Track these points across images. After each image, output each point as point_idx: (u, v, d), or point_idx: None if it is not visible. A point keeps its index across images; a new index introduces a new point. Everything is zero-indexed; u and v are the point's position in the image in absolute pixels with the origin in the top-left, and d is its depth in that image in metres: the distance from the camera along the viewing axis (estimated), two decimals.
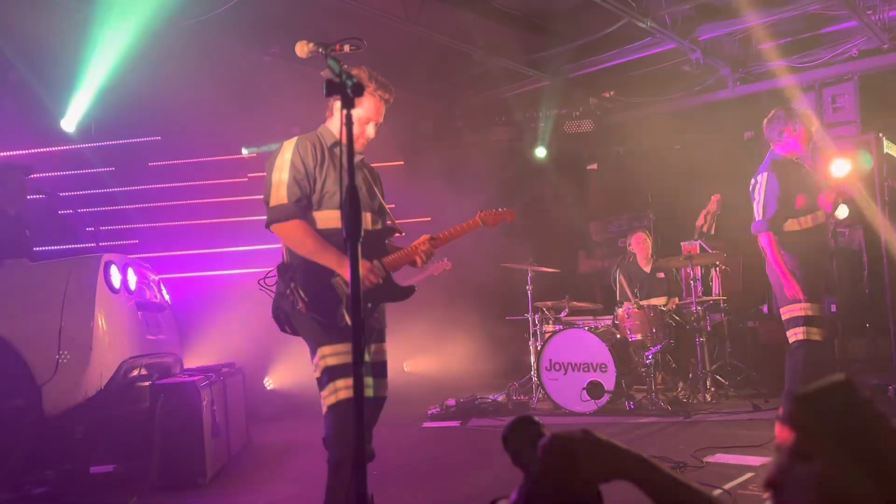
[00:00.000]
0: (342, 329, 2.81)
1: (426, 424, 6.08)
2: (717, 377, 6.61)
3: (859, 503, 0.84)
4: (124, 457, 4.65)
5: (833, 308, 7.20)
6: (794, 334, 4.38)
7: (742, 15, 6.67)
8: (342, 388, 2.77)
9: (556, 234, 8.66)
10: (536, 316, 6.84)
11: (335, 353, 2.81)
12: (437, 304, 7.89)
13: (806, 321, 4.35)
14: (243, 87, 6.95)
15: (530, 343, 6.81)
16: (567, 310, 6.87)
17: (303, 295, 2.84)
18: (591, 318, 6.93)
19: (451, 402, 6.39)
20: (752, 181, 4.59)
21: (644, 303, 6.51)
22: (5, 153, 6.10)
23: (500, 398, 6.60)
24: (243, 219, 7.32)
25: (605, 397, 5.99)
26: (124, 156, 7.04)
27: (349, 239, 2.14)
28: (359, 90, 2.17)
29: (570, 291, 7.03)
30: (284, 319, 2.99)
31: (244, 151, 8.03)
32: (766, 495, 0.92)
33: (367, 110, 3.06)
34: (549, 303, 6.92)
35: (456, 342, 8.25)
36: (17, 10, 5.52)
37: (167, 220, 7.18)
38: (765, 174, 4.50)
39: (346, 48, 2.36)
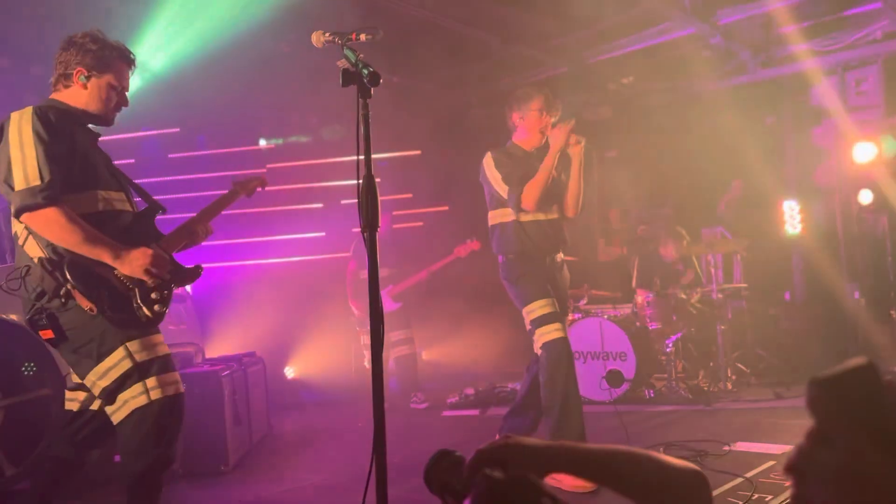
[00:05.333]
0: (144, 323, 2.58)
1: (445, 413, 6.10)
2: (739, 365, 6.56)
3: (881, 488, 0.83)
4: None
5: (856, 295, 7.11)
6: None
7: None
8: (164, 385, 2.53)
9: (575, 222, 8.61)
10: None
11: (144, 348, 2.54)
12: (455, 293, 7.89)
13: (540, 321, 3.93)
14: (261, 78, 6.97)
15: None
16: (586, 298, 6.85)
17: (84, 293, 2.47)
18: (610, 306, 6.90)
19: (470, 391, 6.41)
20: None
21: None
22: None
23: (519, 387, 6.59)
24: (263, 209, 7.37)
25: (625, 386, 5.97)
26: (143, 147, 7.11)
27: (366, 229, 2.15)
28: (375, 80, 2.17)
29: (589, 280, 7.00)
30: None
31: (262, 142, 8.06)
32: (787, 482, 0.91)
33: (119, 76, 2.78)
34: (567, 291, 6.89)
35: (474, 331, 8.25)
36: (36, 4, 5.56)
37: (187, 212, 7.22)
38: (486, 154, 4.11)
39: (363, 37, 2.34)
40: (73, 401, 2.77)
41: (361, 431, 5.38)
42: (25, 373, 4.12)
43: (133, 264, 2.53)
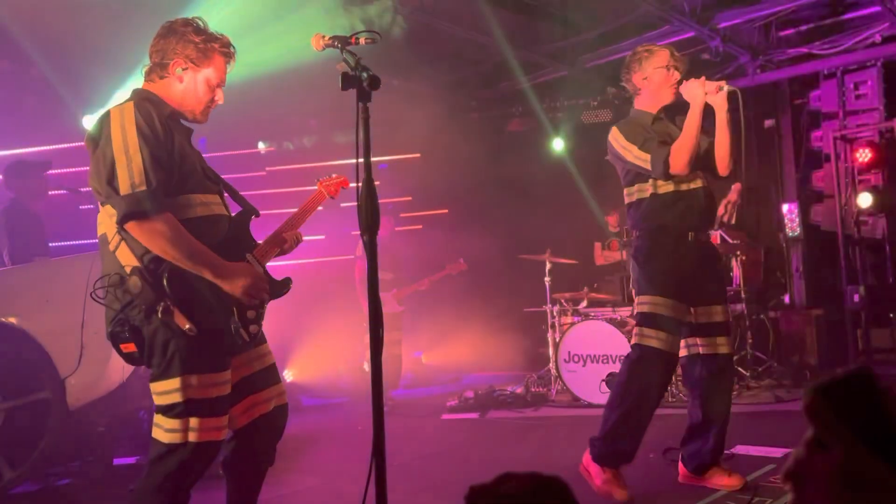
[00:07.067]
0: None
1: (445, 416, 6.10)
2: (738, 368, 6.55)
3: (880, 495, 0.83)
4: (146, 449, 4.69)
5: (856, 297, 7.12)
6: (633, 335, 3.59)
7: (762, 1, 6.58)
8: (205, 429, 2.33)
9: (574, 226, 8.63)
10: (555, 308, 6.82)
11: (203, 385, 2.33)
12: (455, 296, 7.89)
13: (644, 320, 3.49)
14: (260, 81, 6.97)
15: (549, 335, 6.79)
16: (585, 301, 6.85)
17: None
18: (609, 309, 6.89)
19: (470, 394, 6.41)
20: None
21: None
22: (27, 149, 6.17)
23: (519, 390, 6.60)
24: (262, 212, 7.35)
25: None
26: None
27: (366, 232, 2.15)
28: (375, 83, 2.17)
29: (589, 283, 7.01)
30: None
31: (261, 146, 8.07)
32: (786, 487, 0.91)
33: (218, 70, 2.57)
34: (567, 294, 6.90)
35: (474, 334, 8.26)
36: (38, 5, 5.57)
37: None
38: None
39: (362, 41, 2.34)
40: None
41: (360, 434, 5.38)
42: (25, 376, 4.11)
43: (235, 283, 2.35)
